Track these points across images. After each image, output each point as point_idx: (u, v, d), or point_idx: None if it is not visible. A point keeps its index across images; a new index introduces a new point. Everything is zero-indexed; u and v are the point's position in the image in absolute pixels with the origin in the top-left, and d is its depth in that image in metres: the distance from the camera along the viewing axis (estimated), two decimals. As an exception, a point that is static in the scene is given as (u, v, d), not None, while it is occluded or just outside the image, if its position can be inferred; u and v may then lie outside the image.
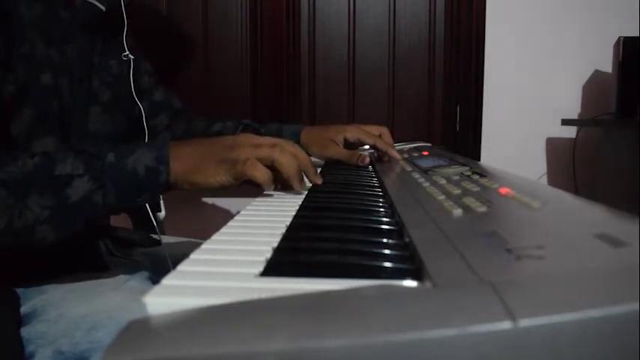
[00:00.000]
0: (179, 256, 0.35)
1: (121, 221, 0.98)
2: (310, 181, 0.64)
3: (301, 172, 0.61)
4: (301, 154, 0.61)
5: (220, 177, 0.58)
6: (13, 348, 0.60)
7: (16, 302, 0.66)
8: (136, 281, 0.73)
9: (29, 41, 0.67)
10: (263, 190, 0.64)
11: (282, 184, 0.63)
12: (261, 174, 0.57)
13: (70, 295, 0.65)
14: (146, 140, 0.87)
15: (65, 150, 0.57)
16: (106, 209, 0.57)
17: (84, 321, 0.60)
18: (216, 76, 1.70)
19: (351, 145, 0.93)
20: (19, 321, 0.64)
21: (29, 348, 0.60)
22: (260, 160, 0.58)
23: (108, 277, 0.72)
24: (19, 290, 0.68)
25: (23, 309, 0.65)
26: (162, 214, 0.86)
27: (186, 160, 0.58)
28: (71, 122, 0.74)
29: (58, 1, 0.73)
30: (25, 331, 0.62)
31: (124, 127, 0.86)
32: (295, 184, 0.60)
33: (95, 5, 0.78)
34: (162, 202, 0.86)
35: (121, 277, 0.72)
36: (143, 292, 0.27)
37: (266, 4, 1.68)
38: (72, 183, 0.55)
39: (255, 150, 0.58)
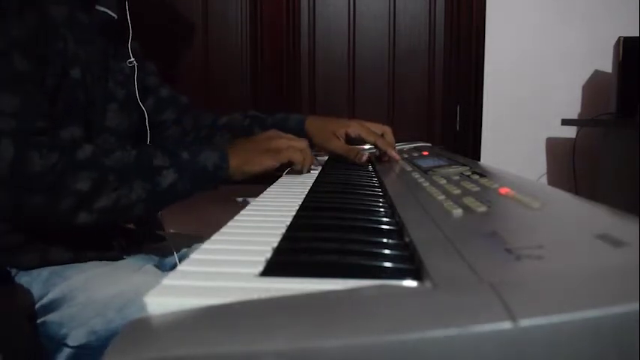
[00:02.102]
0: (184, 251, 0.36)
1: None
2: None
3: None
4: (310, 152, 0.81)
5: (265, 162, 0.75)
6: (25, 341, 0.65)
7: (29, 298, 0.69)
8: (150, 267, 0.78)
9: (62, 38, 0.72)
10: (263, 190, 0.65)
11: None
12: (299, 157, 0.77)
13: (95, 280, 0.70)
14: (148, 141, 0.93)
15: (153, 147, 0.72)
16: (183, 196, 0.72)
17: (113, 301, 0.66)
18: (216, 76, 1.70)
19: (353, 141, 0.93)
20: (33, 315, 0.68)
21: (62, 331, 0.65)
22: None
23: (123, 267, 0.76)
24: (43, 276, 0.72)
25: (50, 295, 0.69)
26: None
27: (239, 157, 0.75)
28: (93, 116, 0.79)
29: (79, 5, 0.78)
30: (56, 316, 0.67)
31: (137, 124, 0.91)
32: (305, 168, 0.80)
33: (108, 13, 0.84)
34: None
35: (137, 264, 0.77)
36: (161, 276, 0.27)
37: (266, 5, 1.68)
38: (162, 172, 0.69)
39: (288, 141, 0.77)
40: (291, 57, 1.72)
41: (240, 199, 1.65)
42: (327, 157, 0.99)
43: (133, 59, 0.89)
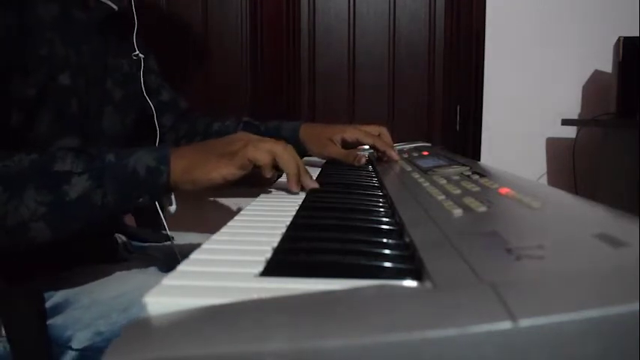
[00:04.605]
0: (190, 252, 0.35)
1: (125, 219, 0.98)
2: (305, 186, 0.62)
3: (299, 174, 0.61)
4: (298, 158, 0.62)
5: (222, 169, 0.57)
6: (38, 343, 0.63)
7: (40, 299, 0.68)
8: (154, 269, 0.77)
9: (48, 42, 0.66)
10: (262, 188, 0.65)
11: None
12: (263, 156, 0.58)
13: (98, 282, 0.69)
14: (157, 139, 0.86)
15: (66, 149, 0.57)
16: (105, 210, 0.56)
17: (117, 302, 0.65)
18: (216, 76, 1.70)
19: (350, 146, 0.93)
20: (44, 316, 0.67)
21: (67, 333, 0.64)
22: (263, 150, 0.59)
23: (127, 268, 0.75)
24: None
25: (55, 298, 0.68)
26: (173, 207, 0.85)
27: (186, 159, 0.58)
28: (88, 122, 0.73)
29: (73, 1, 0.72)
30: (60, 319, 0.65)
31: (133, 127, 0.86)
32: (292, 182, 0.60)
33: (108, 5, 0.77)
34: (172, 195, 0.86)
35: (140, 267, 0.76)
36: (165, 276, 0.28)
37: (266, 5, 1.68)
38: (70, 180, 0.54)
39: (257, 141, 0.59)
40: (291, 57, 1.72)
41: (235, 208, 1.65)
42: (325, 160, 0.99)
43: (138, 52, 0.83)
